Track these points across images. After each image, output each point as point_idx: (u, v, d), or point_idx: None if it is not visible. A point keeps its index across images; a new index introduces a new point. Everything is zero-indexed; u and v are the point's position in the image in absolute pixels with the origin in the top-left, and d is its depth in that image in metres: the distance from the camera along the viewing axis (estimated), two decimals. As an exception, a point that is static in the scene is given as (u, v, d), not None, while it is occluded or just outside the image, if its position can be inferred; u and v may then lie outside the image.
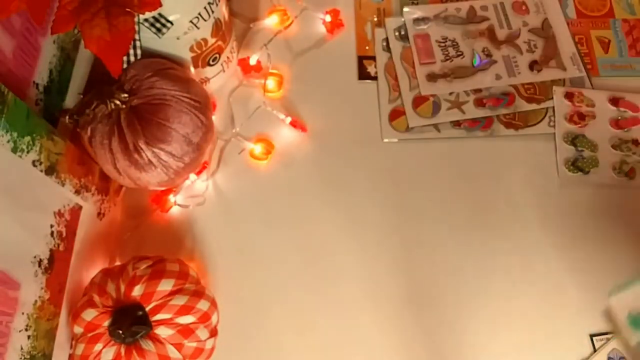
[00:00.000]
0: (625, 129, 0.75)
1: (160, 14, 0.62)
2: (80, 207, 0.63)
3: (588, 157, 0.74)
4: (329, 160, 0.76)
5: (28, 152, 0.52)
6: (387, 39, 0.83)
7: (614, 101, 0.77)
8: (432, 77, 0.79)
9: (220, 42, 0.72)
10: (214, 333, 0.62)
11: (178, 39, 0.66)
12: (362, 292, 0.70)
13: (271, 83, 0.79)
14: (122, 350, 0.58)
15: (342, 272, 0.71)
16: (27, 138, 0.52)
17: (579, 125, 0.76)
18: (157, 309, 0.58)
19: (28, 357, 0.53)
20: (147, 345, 0.58)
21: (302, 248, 0.72)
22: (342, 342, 0.68)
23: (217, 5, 0.67)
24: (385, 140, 0.77)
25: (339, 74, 0.81)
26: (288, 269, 0.71)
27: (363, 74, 0.81)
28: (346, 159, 0.76)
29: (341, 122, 0.78)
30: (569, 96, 0.78)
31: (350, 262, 0.71)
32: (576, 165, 0.74)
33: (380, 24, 0.84)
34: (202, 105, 0.66)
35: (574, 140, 0.75)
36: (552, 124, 0.77)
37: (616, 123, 0.76)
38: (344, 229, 0.72)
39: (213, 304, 0.61)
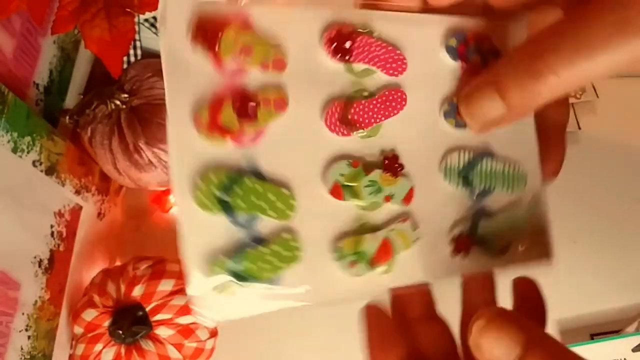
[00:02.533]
0: None
1: (160, 14, 0.62)
2: (81, 207, 0.63)
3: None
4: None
5: (28, 152, 0.52)
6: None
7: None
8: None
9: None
10: (214, 333, 0.62)
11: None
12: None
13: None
14: (123, 351, 0.58)
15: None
16: (28, 138, 0.52)
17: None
18: (158, 309, 0.58)
19: (28, 357, 0.53)
20: (148, 345, 0.58)
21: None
22: (343, 342, 0.68)
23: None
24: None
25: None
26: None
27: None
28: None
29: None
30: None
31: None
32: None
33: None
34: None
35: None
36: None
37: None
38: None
39: (213, 304, 0.61)
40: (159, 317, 0.58)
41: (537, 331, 0.28)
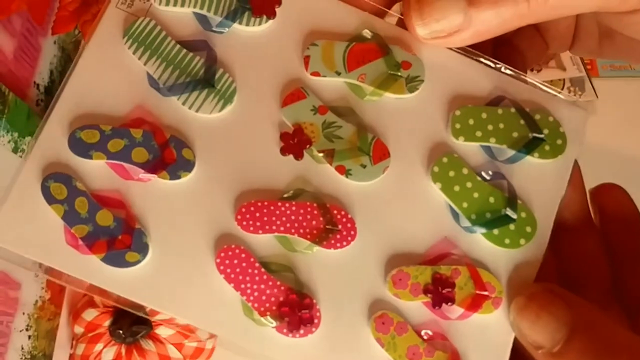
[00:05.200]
0: None
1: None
2: (81, 208, 0.63)
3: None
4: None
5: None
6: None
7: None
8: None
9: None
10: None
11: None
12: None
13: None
14: (123, 350, 0.58)
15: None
16: (28, 138, 0.52)
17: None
18: (158, 309, 0.58)
19: (29, 357, 0.53)
20: (148, 345, 0.58)
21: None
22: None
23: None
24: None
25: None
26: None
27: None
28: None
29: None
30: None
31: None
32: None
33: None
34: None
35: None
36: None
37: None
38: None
39: (213, 304, 0.62)
40: (159, 316, 0.58)
41: (586, 310, 0.26)
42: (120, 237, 0.29)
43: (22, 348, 0.52)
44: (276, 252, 0.30)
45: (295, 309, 0.29)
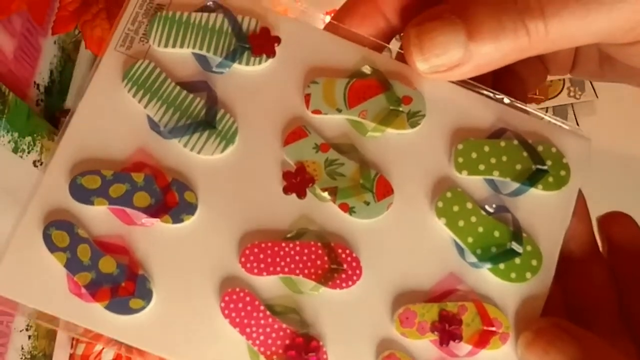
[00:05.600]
0: None
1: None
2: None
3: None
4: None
5: (29, 152, 0.52)
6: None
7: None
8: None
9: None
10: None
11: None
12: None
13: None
14: (123, 350, 0.58)
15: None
16: (28, 138, 0.52)
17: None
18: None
19: (29, 356, 0.53)
20: (148, 344, 0.58)
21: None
22: None
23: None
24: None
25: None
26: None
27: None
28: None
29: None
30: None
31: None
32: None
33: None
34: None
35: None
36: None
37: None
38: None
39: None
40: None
41: (594, 344, 0.26)
42: (124, 284, 0.28)
43: (22, 348, 0.52)
44: (281, 293, 0.30)
45: (302, 353, 0.29)
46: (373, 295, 0.30)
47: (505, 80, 0.34)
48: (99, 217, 0.29)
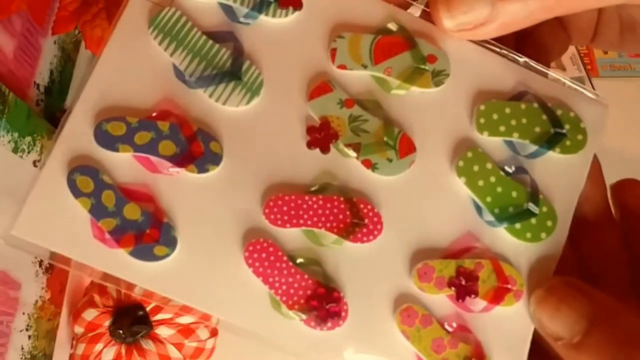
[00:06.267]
0: None
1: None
2: (80, 207, 0.62)
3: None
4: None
5: (29, 152, 0.51)
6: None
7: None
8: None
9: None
10: (214, 333, 0.62)
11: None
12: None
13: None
14: (123, 350, 0.57)
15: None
16: (28, 138, 0.51)
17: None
18: (158, 309, 0.57)
19: (29, 356, 0.52)
20: (148, 345, 0.57)
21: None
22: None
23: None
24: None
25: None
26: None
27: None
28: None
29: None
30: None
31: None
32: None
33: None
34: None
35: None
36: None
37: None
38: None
39: (214, 303, 0.61)
40: (159, 316, 0.58)
41: (605, 302, 0.26)
42: (149, 231, 0.28)
43: (22, 348, 0.51)
44: (303, 246, 0.30)
45: (324, 303, 0.29)
46: (392, 250, 0.30)
47: (528, 48, 0.34)
48: (123, 164, 0.29)
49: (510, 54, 0.32)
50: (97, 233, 0.28)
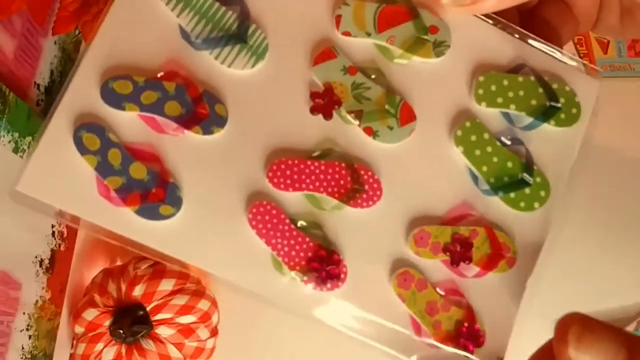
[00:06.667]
0: None
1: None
2: (81, 205, 0.62)
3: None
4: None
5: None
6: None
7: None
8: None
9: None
10: (214, 333, 0.61)
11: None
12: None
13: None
14: (123, 350, 0.57)
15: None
16: (29, 138, 0.51)
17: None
18: (158, 309, 0.57)
19: (29, 356, 0.52)
20: (148, 344, 0.57)
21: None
22: (343, 342, 0.68)
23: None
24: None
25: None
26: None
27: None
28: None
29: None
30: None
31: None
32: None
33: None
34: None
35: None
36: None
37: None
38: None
39: (214, 303, 0.61)
40: (159, 316, 0.57)
41: (627, 333, 0.24)
42: (154, 191, 0.29)
43: (23, 348, 0.51)
44: (305, 209, 0.30)
45: (324, 265, 0.30)
46: (391, 216, 0.31)
47: (539, 30, 0.35)
48: (129, 123, 0.29)
49: (508, 27, 0.33)
50: (103, 191, 0.29)
